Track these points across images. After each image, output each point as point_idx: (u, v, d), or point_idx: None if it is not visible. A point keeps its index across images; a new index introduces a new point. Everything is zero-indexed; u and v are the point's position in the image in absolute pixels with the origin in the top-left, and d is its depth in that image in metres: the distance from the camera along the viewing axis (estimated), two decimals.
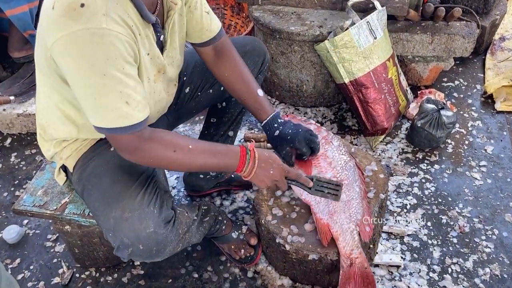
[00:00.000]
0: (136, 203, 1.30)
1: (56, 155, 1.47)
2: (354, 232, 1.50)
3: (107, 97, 1.10)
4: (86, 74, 1.07)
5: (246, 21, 2.91)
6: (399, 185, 2.09)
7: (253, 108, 1.57)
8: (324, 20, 2.30)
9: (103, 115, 1.13)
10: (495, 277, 1.73)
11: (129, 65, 1.12)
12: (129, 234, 1.28)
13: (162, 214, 1.34)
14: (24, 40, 2.75)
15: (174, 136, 1.29)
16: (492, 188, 2.06)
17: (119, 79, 1.10)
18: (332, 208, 1.54)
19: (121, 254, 1.33)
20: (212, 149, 1.33)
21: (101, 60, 1.06)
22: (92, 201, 1.37)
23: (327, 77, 2.39)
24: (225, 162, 1.33)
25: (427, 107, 2.18)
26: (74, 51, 1.06)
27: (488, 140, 2.31)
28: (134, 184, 1.34)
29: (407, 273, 1.75)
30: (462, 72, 2.75)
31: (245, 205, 2.03)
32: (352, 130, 2.41)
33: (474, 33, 2.40)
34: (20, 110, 2.41)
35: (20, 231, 1.94)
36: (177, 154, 1.24)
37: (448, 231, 1.89)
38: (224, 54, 1.55)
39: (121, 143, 1.19)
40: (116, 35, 1.07)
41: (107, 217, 1.30)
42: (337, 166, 1.63)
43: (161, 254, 1.36)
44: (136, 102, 1.14)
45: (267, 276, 1.75)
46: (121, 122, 1.13)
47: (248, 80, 1.56)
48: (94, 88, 1.09)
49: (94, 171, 1.39)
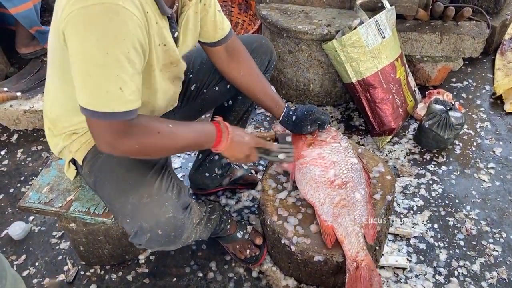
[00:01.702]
0: (154, 189, 1.29)
1: (65, 149, 1.46)
2: (359, 235, 1.49)
3: (102, 77, 1.07)
4: (90, 49, 1.04)
5: (253, 19, 2.89)
6: (406, 186, 2.07)
7: (269, 105, 1.63)
8: (332, 19, 2.28)
9: (93, 96, 1.08)
10: (502, 281, 1.71)
11: (134, 50, 1.10)
12: (149, 218, 1.27)
13: (180, 200, 1.33)
14: (31, 36, 2.76)
15: (153, 119, 1.26)
16: (500, 191, 2.04)
17: (120, 63, 1.07)
18: (337, 211, 1.52)
19: (138, 240, 1.31)
20: (191, 127, 1.31)
21: (109, 37, 1.04)
22: (106, 190, 1.36)
23: (335, 76, 2.38)
24: (204, 140, 1.34)
25: (435, 107, 2.16)
26: (85, 24, 1.04)
27: (496, 142, 2.28)
28: (150, 172, 1.33)
29: (413, 275, 1.74)
30: (471, 73, 2.73)
31: (250, 204, 2.02)
32: (359, 130, 2.39)
33: (484, 33, 2.37)
34: (27, 106, 2.41)
35: (26, 228, 1.94)
36: (161, 136, 1.21)
37: (455, 234, 1.88)
38: (236, 54, 1.57)
39: (104, 131, 1.13)
40: (130, 15, 1.06)
41: (124, 204, 1.29)
42: (343, 168, 1.61)
43: (177, 240, 1.35)
44: (130, 90, 1.11)
45: (272, 276, 1.75)
46: (111, 106, 1.09)
47: (262, 79, 1.61)
48: (92, 64, 1.06)
49: (106, 162, 1.37)
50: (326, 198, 1.55)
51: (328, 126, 1.72)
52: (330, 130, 1.72)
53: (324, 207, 1.54)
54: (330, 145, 1.66)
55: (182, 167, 2.22)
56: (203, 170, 1.95)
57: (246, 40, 1.69)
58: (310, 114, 1.62)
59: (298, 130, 1.64)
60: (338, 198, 1.54)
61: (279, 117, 1.64)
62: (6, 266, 1.09)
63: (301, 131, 1.64)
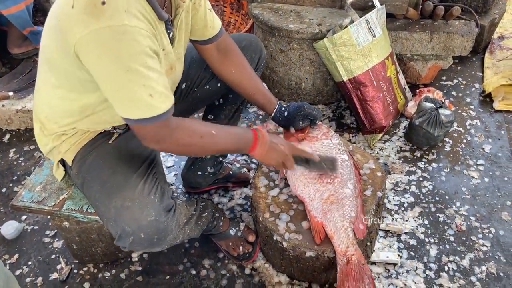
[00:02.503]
0: (136, 192, 1.31)
1: (55, 149, 1.47)
2: (348, 230, 1.50)
3: (131, 90, 1.13)
4: (111, 70, 1.10)
5: (245, 19, 2.91)
6: (397, 183, 2.09)
7: (261, 102, 1.65)
8: (323, 18, 2.30)
9: (128, 107, 1.16)
10: (491, 275, 1.73)
11: (151, 58, 1.14)
12: (131, 222, 1.29)
13: (163, 203, 1.35)
14: (23, 36, 2.75)
15: (197, 122, 1.33)
16: (489, 187, 2.07)
17: (142, 73, 1.12)
18: (326, 207, 1.54)
19: (122, 243, 1.34)
20: (231, 131, 1.41)
21: (124, 56, 1.08)
22: (92, 192, 1.38)
23: (326, 75, 2.39)
24: (241, 144, 1.42)
25: (425, 105, 2.19)
26: (97, 49, 1.08)
27: (486, 139, 2.31)
28: (134, 174, 1.35)
29: (403, 270, 1.76)
30: (461, 71, 2.76)
31: (243, 202, 2.03)
32: (350, 128, 2.41)
33: (473, 32, 2.40)
34: (19, 106, 2.41)
35: (19, 227, 1.94)
36: (203, 140, 1.30)
37: (445, 229, 1.90)
38: (227, 52, 1.58)
39: (147, 133, 1.22)
40: (138, 31, 1.10)
41: (108, 207, 1.32)
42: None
43: (161, 243, 1.37)
44: (159, 93, 1.16)
45: (264, 273, 1.76)
46: (145, 113, 1.16)
47: (254, 76, 1.63)
48: (118, 82, 1.12)
49: (93, 164, 1.39)
50: (315, 193, 1.56)
51: (319, 123, 1.74)
52: (321, 127, 1.74)
53: (314, 203, 1.56)
54: (321, 141, 1.68)
55: (175, 166, 2.23)
56: (195, 169, 1.95)
57: (236, 38, 1.70)
58: (302, 109, 1.65)
59: (290, 126, 1.67)
60: (327, 193, 1.56)
61: (271, 113, 1.66)
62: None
63: (293, 127, 1.67)
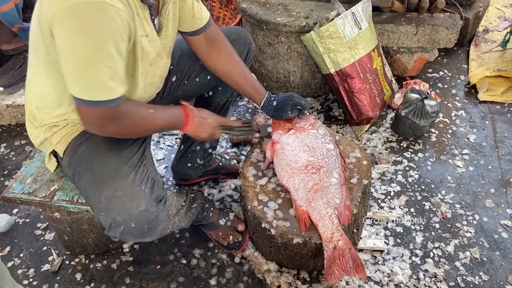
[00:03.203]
0: (127, 183, 1.33)
1: (46, 141, 1.49)
2: (333, 216, 1.53)
3: (95, 70, 1.14)
4: (82, 46, 1.10)
5: (234, 13, 2.93)
6: (384, 173, 2.13)
7: (250, 92, 1.67)
8: (310, 11, 2.33)
9: (88, 87, 1.16)
10: (475, 260, 1.78)
11: (123, 42, 1.17)
12: (121, 212, 1.31)
13: (153, 193, 1.38)
14: (12, 33, 2.75)
15: (136, 104, 1.37)
16: (474, 175, 2.12)
17: (111, 55, 1.14)
18: (310, 196, 1.57)
19: (112, 233, 1.36)
20: (165, 110, 1.45)
21: (100, 34, 1.10)
22: (83, 183, 1.40)
23: (314, 68, 2.43)
24: (176, 122, 1.46)
25: (411, 96, 2.23)
26: (74, 23, 1.08)
27: (471, 129, 2.36)
28: (126, 165, 1.37)
29: (390, 257, 1.80)
30: (447, 63, 2.81)
31: (232, 193, 2.06)
32: (338, 120, 2.45)
33: (457, 24, 2.45)
34: (10, 101, 2.42)
35: (10, 220, 1.96)
36: (145, 120, 1.35)
37: (430, 217, 1.94)
38: (216, 42, 1.60)
39: (98, 116, 1.22)
40: (117, 11, 1.11)
41: (98, 197, 1.34)
42: (318, 154, 1.65)
43: (152, 233, 1.39)
44: (119, 78, 1.19)
45: (254, 261, 1.79)
46: (105, 95, 1.17)
47: (243, 66, 1.65)
48: (86, 60, 1.12)
49: (84, 155, 1.41)
50: (300, 183, 1.59)
51: (307, 114, 1.77)
52: (309, 118, 1.77)
53: (299, 193, 1.58)
54: (308, 131, 1.70)
55: (165, 159, 2.25)
56: (185, 161, 1.98)
57: (225, 32, 1.72)
58: (290, 99, 1.67)
59: (279, 115, 1.69)
60: (311, 183, 1.58)
61: (260, 103, 1.69)
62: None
63: (281, 117, 1.69)
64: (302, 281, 1.72)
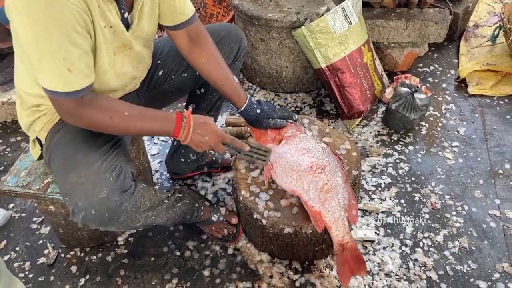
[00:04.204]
0: (92, 170, 1.34)
1: (31, 127, 1.52)
2: (345, 219, 1.56)
3: (51, 61, 1.18)
4: (35, 38, 1.15)
5: (227, 11, 2.96)
6: (375, 165, 2.16)
7: (230, 94, 1.62)
8: (301, 7, 2.36)
9: (48, 78, 1.21)
10: (463, 249, 1.81)
11: (76, 33, 1.18)
12: (82, 198, 1.33)
13: (118, 182, 1.37)
14: (7, 31, 2.77)
15: (113, 102, 1.36)
16: (463, 167, 2.15)
17: (64, 47, 1.16)
18: (323, 196, 1.57)
19: (75, 218, 1.37)
20: (149, 114, 1.39)
21: (48, 25, 1.13)
22: (54, 168, 1.43)
23: (306, 63, 2.46)
24: (161, 128, 1.41)
25: (401, 90, 2.26)
26: (25, 14, 1.13)
27: (460, 122, 2.39)
28: (95, 153, 1.38)
29: (380, 247, 1.83)
30: (437, 58, 2.84)
31: (225, 186, 2.09)
32: (330, 114, 2.48)
33: (446, 19, 2.48)
34: (5, 98, 2.45)
35: (6, 215, 1.98)
36: (113, 120, 1.31)
37: (420, 208, 1.97)
38: (199, 40, 1.58)
39: (62, 106, 1.27)
40: (65, 3, 1.14)
41: (64, 182, 1.36)
42: (317, 154, 1.66)
43: (114, 222, 1.39)
44: (79, 70, 1.21)
45: (246, 252, 1.82)
46: (63, 87, 1.21)
47: (224, 67, 1.61)
48: (40, 51, 1.16)
49: (59, 141, 1.44)
50: (310, 184, 1.58)
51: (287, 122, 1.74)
52: (291, 125, 1.75)
53: (309, 193, 1.57)
54: (298, 136, 1.69)
55: (159, 153, 2.28)
56: (178, 156, 2.01)
57: (216, 28, 1.73)
58: (275, 110, 1.68)
59: (259, 123, 1.67)
60: (321, 183, 1.58)
61: (241, 106, 1.64)
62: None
63: (261, 124, 1.67)
64: (294, 271, 1.75)
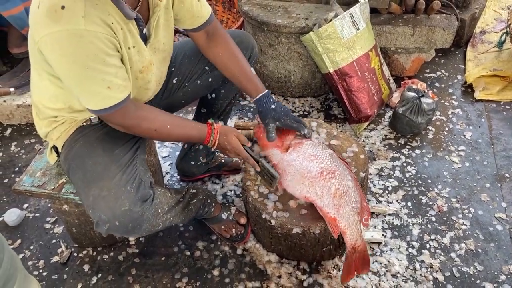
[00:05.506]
0: (113, 183, 1.40)
1: (48, 135, 1.58)
2: (358, 224, 1.58)
3: (90, 85, 1.27)
4: (70, 69, 1.24)
5: (237, 16, 3.01)
6: (382, 168, 2.19)
7: (246, 85, 1.67)
8: (310, 13, 2.41)
9: (90, 99, 1.31)
10: (470, 252, 1.83)
11: (109, 56, 1.26)
12: (106, 211, 1.39)
13: (138, 193, 1.43)
14: (22, 36, 2.84)
15: (156, 114, 1.47)
16: (469, 171, 2.17)
17: (100, 70, 1.25)
18: (337, 201, 1.58)
19: (100, 229, 1.44)
20: (186, 129, 1.54)
21: (81, 56, 1.21)
22: (75, 179, 1.48)
23: (314, 68, 2.50)
24: (195, 136, 1.57)
25: (408, 95, 2.29)
26: (57, 49, 1.21)
27: (467, 127, 2.41)
28: (114, 165, 1.44)
29: (387, 249, 1.85)
30: (444, 64, 2.87)
31: (234, 188, 2.13)
32: (338, 118, 2.52)
33: (453, 25, 2.51)
34: (20, 101, 2.51)
35: (21, 214, 2.03)
36: (157, 132, 1.46)
37: (427, 211, 2.00)
38: (216, 35, 1.65)
39: (112, 121, 1.40)
40: (94, 34, 1.21)
41: (87, 195, 1.42)
42: (325, 159, 1.65)
43: (137, 230, 1.46)
44: (117, 85, 1.30)
45: (255, 253, 1.85)
46: (105, 103, 1.31)
47: (241, 59, 1.67)
48: (78, 79, 1.26)
49: (78, 152, 1.49)
50: (323, 190, 1.58)
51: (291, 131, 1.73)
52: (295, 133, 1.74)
53: (324, 199, 1.58)
54: (304, 143, 1.69)
55: (169, 156, 2.32)
56: (188, 159, 2.05)
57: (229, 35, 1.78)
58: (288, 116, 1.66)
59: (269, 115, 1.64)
60: (333, 188, 1.58)
61: (256, 96, 1.65)
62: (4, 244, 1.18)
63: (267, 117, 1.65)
64: (302, 272, 1.78)
